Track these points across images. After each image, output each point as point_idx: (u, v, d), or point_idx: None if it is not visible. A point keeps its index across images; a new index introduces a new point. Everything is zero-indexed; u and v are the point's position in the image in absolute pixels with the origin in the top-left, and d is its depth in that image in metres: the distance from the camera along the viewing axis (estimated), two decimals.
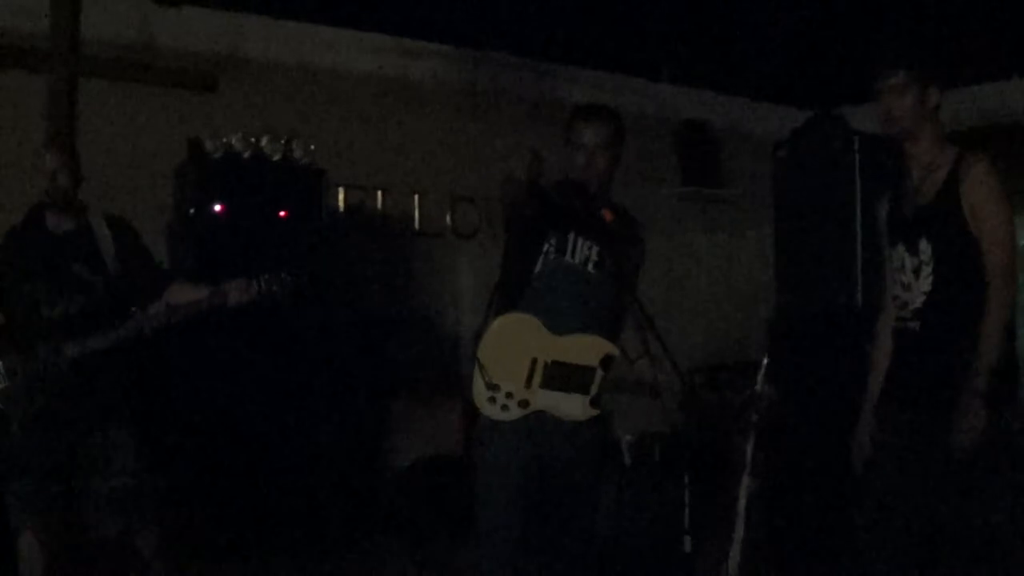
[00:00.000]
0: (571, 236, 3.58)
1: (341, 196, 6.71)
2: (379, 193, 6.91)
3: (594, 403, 3.56)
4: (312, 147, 5.99)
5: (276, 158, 5.87)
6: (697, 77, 8.09)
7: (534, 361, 3.51)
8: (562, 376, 3.51)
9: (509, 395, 3.51)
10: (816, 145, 5.28)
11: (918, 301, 3.30)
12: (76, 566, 4.18)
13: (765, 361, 3.51)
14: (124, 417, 4.00)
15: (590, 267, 3.59)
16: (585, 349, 3.53)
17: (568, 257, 3.57)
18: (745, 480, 3.66)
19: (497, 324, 3.55)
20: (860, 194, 4.99)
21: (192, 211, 5.74)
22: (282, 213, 5.86)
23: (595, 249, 3.59)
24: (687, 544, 3.42)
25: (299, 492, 5.64)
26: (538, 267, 3.56)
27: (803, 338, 5.24)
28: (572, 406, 3.54)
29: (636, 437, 7.08)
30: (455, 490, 5.94)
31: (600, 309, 3.61)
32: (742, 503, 3.64)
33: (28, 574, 3.96)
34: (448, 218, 7.23)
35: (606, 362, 3.54)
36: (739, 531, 3.60)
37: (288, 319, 5.67)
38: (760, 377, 3.48)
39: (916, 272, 3.30)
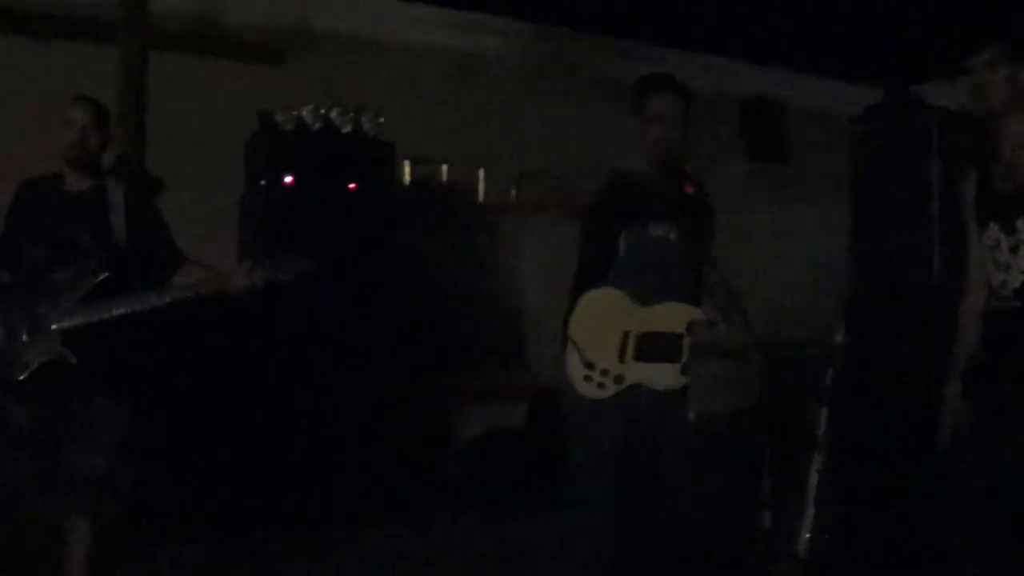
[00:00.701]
0: (654, 211, 3.59)
1: (407, 169, 6.72)
2: (444, 167, 6.91)
3: (684, 371, 3.56)
4: (381, 120, 5.99)
5: (346, 130, 5.90)
6: (767, 52, 7.98)
7: (625, 335, 3.51)
8: (654, 346, 3.52)
9: (604, 372, 3.51)
10: (893, 121, 5.24)
11: (1017, 281, 3.21)
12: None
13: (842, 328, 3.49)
14: (110, 389, 3.69)
15: (671, 236, 3.59)
16: (672, 317, 3.54)
17: (650, 231, 3.57)
18: (816, 457, 3.65)
19: (586, 301, 3.55)
20: (937, 171, 4.94)
21: (262, 183, 5.78)
22: (352, 185, 5.89)
23: (675, 219, 3.59)
24: (767, 519, 3.40)
25: (362, 465, 5.67)
26: (622, 244, 3.56)
27: (879, 314, 5.20)
28: (665, 376, 3.55)
29: (698, 414, 7.09)
30: (518, 464, 5.97)
31: (681, 278, 3.61)
32: (813, 480, 3.62)
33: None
34: (513, 192, 7.22)
35: (692, 327, 3.54)
36: (809, 509, 3.58)
37: (353, 292, 5.71)
38: (840, 331, 3.46)
39: (1014, 251, 3.22)
